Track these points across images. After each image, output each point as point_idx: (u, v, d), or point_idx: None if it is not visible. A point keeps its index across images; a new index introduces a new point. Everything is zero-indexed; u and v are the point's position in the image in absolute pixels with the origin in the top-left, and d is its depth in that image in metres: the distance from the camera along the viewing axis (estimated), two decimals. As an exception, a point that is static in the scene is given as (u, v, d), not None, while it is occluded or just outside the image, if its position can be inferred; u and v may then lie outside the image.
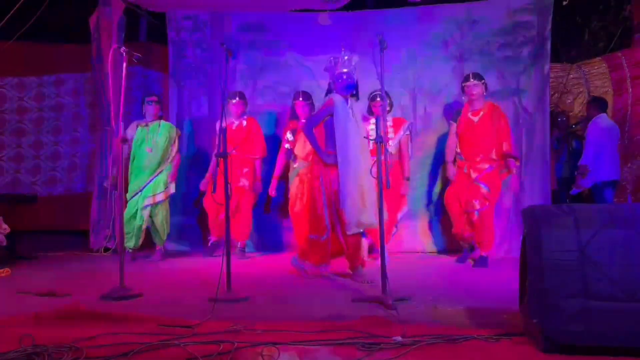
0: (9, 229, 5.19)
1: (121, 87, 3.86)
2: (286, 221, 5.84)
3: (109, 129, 5.75)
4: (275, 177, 5.55)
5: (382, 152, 3.47)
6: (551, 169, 5.80)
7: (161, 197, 5.41)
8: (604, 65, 6.55)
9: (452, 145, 5.13)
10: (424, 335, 2.49)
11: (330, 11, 6.03)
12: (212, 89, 6.21)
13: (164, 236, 5.52)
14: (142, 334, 2.57)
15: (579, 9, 7.30)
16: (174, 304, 3.44)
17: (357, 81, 4.23)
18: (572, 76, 6.85)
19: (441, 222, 5.78)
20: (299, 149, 5.04)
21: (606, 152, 5.63)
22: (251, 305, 3.39)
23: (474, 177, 4.88)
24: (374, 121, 4.42)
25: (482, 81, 4.96)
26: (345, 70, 4.14)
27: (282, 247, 6.00)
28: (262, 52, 6.18)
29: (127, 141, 4.21)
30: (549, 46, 5.63)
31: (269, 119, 6.07)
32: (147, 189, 5.37)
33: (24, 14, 5.24)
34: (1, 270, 4.58)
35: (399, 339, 2.44)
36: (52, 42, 7.17)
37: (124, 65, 3.85)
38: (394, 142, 5.16)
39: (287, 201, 5.90)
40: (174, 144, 5.52)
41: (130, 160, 5.45)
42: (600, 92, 6.45)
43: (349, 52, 4.21)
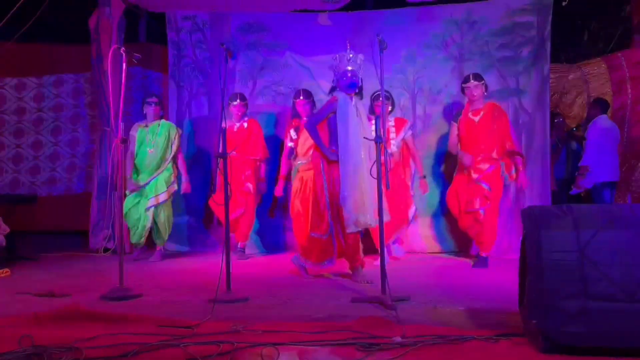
0: (8, 230, 5.18)
1: (121, 87, 3.87)
2: (287, 221, 5.84)
3: (109, 129, 5.75)
4: (281, 176, 5.48)
5: (382, 153, 3.46)
6: (550, 170, 5.80)
7: (164, 197, 5.41)
8: (604, 65, 6.55)
9: (455, 140, 5.07)
10: (423, 335, 2.49)
11: (330, 11, 6.02)
12: (212, 89, 6.21)
13: (165, 236, 5.51)
14: (142, 334, 2.57)
15: (579, 9, 7.30)
16: (174, 304, 3.44)
17: (362, 79, 4.21)
18: (571, 77, 6.85)
19: (442, 222, 5.77)
20: (300, 146, 5.05)
21: (606, 153, 5.63)
22: (251, 305, 3.39)
23: (474, 177, 4.87)
24: (375, 121, 4.42)
25: (482, 82, 4.95)
26: (350, 68, 4.13)
27: (282, 247, 5.99)
28: (261, 53, 6.17)
29: (126, 141, 4.21)
30: (548, 47, 5.62)
31: (268, 119, 6.06)
32: (149, 190, 5.37)
33: (24, 15, 5.23)
34: (1, 270, 4.58)
35: (398, 339, 2.45)
36: (52, 42, 7.18)
37: (124, 65, 3.85)
38: (396, 141, 5.16)
39: (287, 200, 5.92)
40: (174, 143, 5.52)
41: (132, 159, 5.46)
42: (599, 92, 6.45)
43: (353, 51, 4.20)
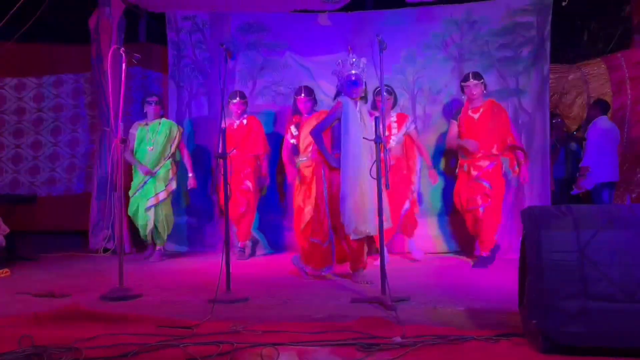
0: (8, 230, 5.18)
1: (121, 87, 3.87)
2: (286, 221, 5.84)
3: (109, 130, 5.75)
4: (288, 164, 5.47)
5: (382, 152, 3.46)
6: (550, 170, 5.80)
7: (163, 196, 5.41)
8: (604, 66, 6.55)
9: (454, 135, 5.05)
10: (423, 335, 2.49)
11: (330, 12, 6.02)
12: (211, 89, 6.20)
13: (164, 235, 5.51)
14: (142, 334, 2.57)
15: (579, 9, 7.29)
16: (174, 304, 3.44)
17: (365, 83, 4.21)
18: (571, 77, 6.85)
19: (443, 222, 5.77)
20: (300, 142, 5.07)
21: (606, 154, 5.63)
22: (251, 305, 3.39)
23: (474, 175, 4.87)
24: (375, 121, 4.41)
25: (482, 80, 4.96)
26: (353, 72, 4.12)
27: (282, 247, 5.99)
28: (261, 53, 6.16)
29: (126, 141, 4.21)
30: (548, 47, 5.62)
31: (267, 119, 6.05)
32: (148, 189, 5.38)
33: (24, 15, 5.23)
34: (1, 270, 4.58)
35: (398, 339, 2.45)
36: (52, 42, 7.17)
37: (124, 65, 3.85)
38: (398, 137, 5.15)
39: (287, 200, 5.92)
40: (174, 141, 5.52)
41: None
42: (599, 92, 6.45)
43: (355, 55, 4.20)
